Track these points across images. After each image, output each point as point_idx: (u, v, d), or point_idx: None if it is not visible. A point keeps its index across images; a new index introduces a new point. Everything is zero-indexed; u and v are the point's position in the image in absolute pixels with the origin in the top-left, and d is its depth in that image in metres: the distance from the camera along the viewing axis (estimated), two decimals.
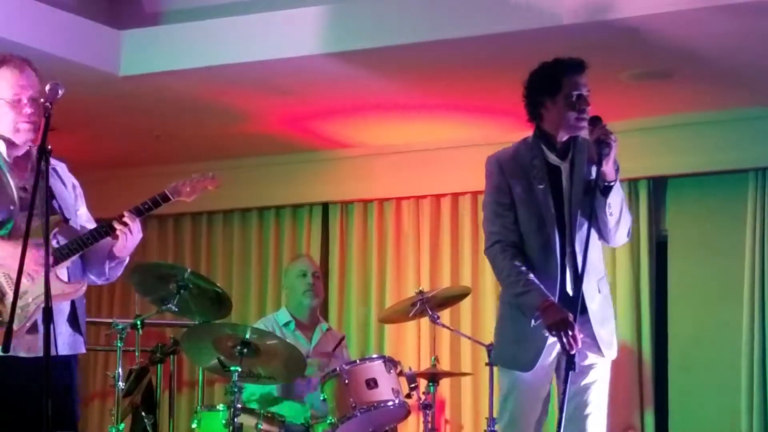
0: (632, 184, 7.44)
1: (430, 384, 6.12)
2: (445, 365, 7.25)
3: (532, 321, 4.19)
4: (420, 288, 6.36)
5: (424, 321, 7.03)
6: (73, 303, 4.06)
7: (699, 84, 6.54)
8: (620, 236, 4.38)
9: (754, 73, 6.34)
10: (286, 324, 6.14)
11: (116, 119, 7.32)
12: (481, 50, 5.97)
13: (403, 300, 6.57)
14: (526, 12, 5.66)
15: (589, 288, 4.25)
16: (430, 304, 6.11)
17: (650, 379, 7.30)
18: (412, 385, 5.76)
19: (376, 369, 5.45)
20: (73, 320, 4.06)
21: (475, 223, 7.75)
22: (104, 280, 4.18)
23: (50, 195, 3.93)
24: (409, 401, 5.58)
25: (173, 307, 5.78)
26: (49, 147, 3.80)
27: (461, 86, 6.58)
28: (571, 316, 4.10)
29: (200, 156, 8.11)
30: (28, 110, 3.98)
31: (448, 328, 6.60)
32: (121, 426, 5.94)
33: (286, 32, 6.17)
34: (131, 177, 8.28)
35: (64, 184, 4.17)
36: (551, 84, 4.32)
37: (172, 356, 6.54)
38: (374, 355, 5.84)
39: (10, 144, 4.04)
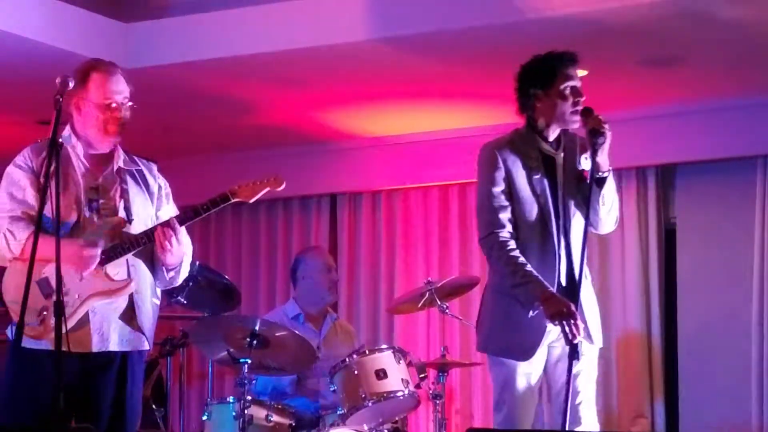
0: (640, 172, 7.43)
1: (440, 374, 6.12)
2: (454, 355, 7.26)
3: (530, 312, 4.22)
4: (429, 278, 6.35)
5: (434, 311, 7.03)
6: (131, 301, 4.07)
7: (708, 71, 6.52)
8: (608, 224, 4.44)
9: (763, 60, 6.32)
10: (295, 317, 6.13)
11: None
12: (490, 39, 5.96)
13: (412, 290, 6.57)
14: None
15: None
16: (439, 294, 6.10)
17: (660, 367, 7.31)
18: (422, 375, 5.75)
19: (386, 359, 5.44)
20: (129, 317, 4.07)
21: None
22: (166, 285, 4.23)
23: (121, 196, 4.06)
24: (418, 391, 5.58)
25: (182, 300, 5.79)
26: (60, 140, 3.83)
27: (469, 75, 6.57)
28: (572, 306, 4.14)
29: (208, 148, 8.12)
30: (117, 114, 4.09)
31: (457, 318, 6.60)
32: None
33: (291, 23, 6.16)
34: None
35: (147, 185, 4.21)
36: (545, 76, 4.34)
37: (181, 349, 6.55)
38: (383, 346, 5.83)
39: (89, 143, 4.12)
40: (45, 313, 3.89)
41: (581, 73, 4.24)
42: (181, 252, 4.09)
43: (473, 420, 7.62)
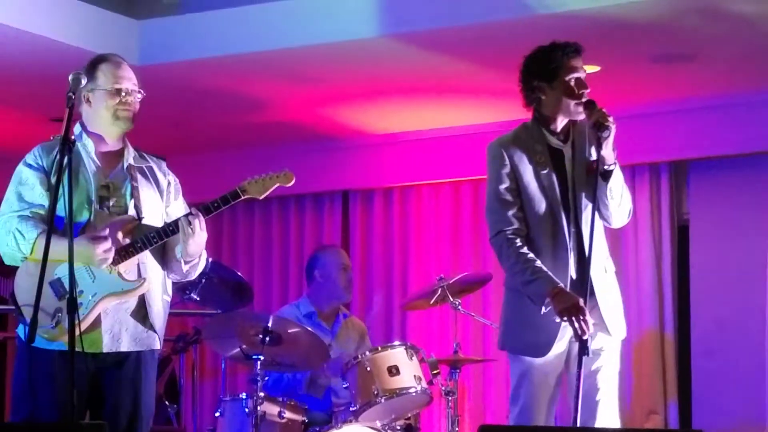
0: (653, 168, 7.41)
1: (453, 370, 6.11)
2: (467, 352, 7.25)
3: (542, 308, 4.20)
4: (441, 275, 6.34)
5: (446, 308, 7.02)
6: (142, 300, 4.06)
7: (720, 66, 6.50)
8: (620, 218, 4.39)
9: None
10: (308, 314, 6.12)
11: None
12: (503, 35, 5.95)
13: (424, 287, 6.56)
14: None
15: (596, 268, 4.27)
16: (452, 291, 6.10)
17: (673, 364, 7.29)
18: (435, 372, 5.75)
19: (398, 356, 5.44)
20: (141, 316, 4.06)
21: None
22: (181, 279, 4.22)
23: (131, 194, 4.04)
24: (431, 388, 5.57)
25: (195, 297, 5.79)
26: (73, 137, 3.83)
27: (481, 71, 6.56)
28: (581, 301, 4.11)
29: (219, 145, 8.12)
30: (128, 99, 4.09)
31: (469, 314, 6.59)
32: None
33: (303, 20, 6.16)
34: None
35: (156, 182, 4.19)
36: (549, 69, 4.30)
37: (194, 345, 6.56)
38: (396, 342, 5.83)
39: (100, 141, 4.11)
40: (60, 315, 3.87)
41: (593, 69, 4.23)
42: (203, 241, 4.07)
43: (486, 417, 7.62)
